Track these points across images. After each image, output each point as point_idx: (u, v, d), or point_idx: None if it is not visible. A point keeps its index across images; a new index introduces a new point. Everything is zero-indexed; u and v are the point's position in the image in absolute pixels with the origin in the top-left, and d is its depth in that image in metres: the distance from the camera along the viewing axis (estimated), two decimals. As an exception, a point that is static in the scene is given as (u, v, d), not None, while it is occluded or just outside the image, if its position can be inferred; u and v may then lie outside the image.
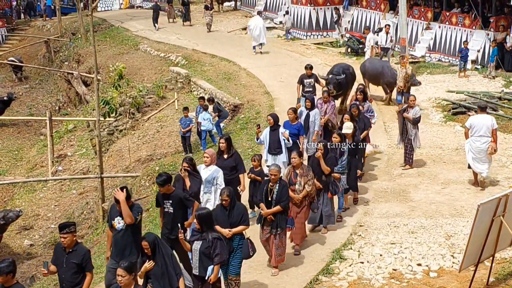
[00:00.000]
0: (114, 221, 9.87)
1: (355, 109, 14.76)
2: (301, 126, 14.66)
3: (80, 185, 21.51)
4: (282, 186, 10.71)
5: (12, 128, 29.57)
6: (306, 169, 11.44)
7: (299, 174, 11.32)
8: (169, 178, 10.39)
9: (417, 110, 15.53)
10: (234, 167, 12.60)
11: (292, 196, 11.21)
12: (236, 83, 25.02)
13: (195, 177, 11.33)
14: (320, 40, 32.51)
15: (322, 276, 10.94)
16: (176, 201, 10.37)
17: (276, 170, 10.72)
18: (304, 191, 11.29)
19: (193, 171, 11.37)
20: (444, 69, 25.67)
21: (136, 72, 29.30)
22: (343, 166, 12.87)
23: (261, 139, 14.13)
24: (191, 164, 11.38)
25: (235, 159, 12.68)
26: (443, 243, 11.97)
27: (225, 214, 9.98)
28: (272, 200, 10.65)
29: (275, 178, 10.69)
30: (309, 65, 19.12)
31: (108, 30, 37.38)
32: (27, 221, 19.56)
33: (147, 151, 21.37)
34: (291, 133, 14.32)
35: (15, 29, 43.48)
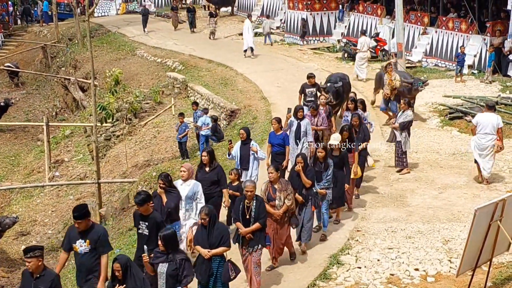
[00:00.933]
0: (75, 244, 9.17)
1: (356, 118, 14.44)
2: (286, 136, 14.19)
3: (77, 191, 21.48)
4: (259, 203, 10.21)
5: (9, 134, 29.57)
6: (285, 183, 10.95)
7: (277, 189, 10.84)
8: (148, 197, 9.98)
9: (407, 114, 15.65)
10: (216, 181, 12.14)
11: (272, 212, 10.77)
12: (233, 89, 25.03)
13: (172, 192, 10.90)
14: (317, 45, 32.55)
15: (320, 281, 10.92)
16: (152, 224, 9.89)
17: (252, 186, 10.19)
18: (285, 206, 10.83)
19: (169, 187, 10.91)
20: (441, 74, 25.71)
21: (133, 77, 29.31)
22: (328, 181, 12.25)
23: (232, 154, 13.53)
24: (167, 181, 10.89)
25: (218, 173, 12.23)
26: (440, 248, 11.96)
27: (204, 234, 9.51)
28: (251, 218, 10.14)
29: (251, 195, 10.15)
30: (312, 74, 18.72)
31: (105, 36, 37.39)
32: (24, 227, 19.53)
33: (144, 157, 21.35)
34: (276, 144, 14.06)
35: (12, 35, 43.49)
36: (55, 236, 18.49)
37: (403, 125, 15.54)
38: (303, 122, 14.79)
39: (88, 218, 9.25)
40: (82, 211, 9.18)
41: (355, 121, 14.39)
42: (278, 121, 14.16)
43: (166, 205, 10.70)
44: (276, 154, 14.15)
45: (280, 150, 14.09)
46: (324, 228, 12.52)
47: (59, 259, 10.00)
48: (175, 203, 10.86)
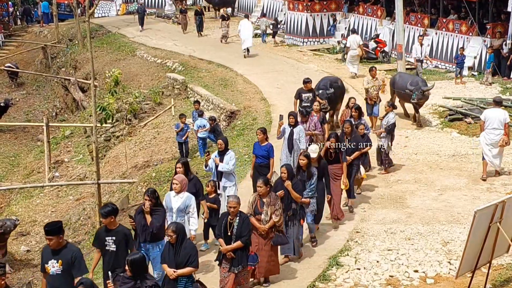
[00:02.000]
0: (47, 264, 8.69)
1: (348, 125, 13.97)
2: (270, 148, 13.56)
3: (77, 191, 21.49)
4: (243, 220, 9.77)
5: (9, 134, 29.58)
6: (274, 198, 10.44)
7: (266, 203, 10.37)
8: (114, 210, 9.42)
9: (391, 117, 15.77)
10: (194, 194, 11.48)
11: (258, 227, 10.33)
12: (232, 89, 25.04)
13: (157, 212, 10.32)
14: (317, 47, 32.54)
15: (319, 282, 10.93)
16: (120, 238, 9.34)
17: (235, 202, 9.76)
18: (271, 222, 10.34)
19: (155, 204, 10.33)
20: (441, 76, 25.71)
21: (133, 78, 29.32)
22: (312, 190, 11.81)
23: (209, 165, 13.04)
24: (154, 197, 10.31)
25: (195, 184, 11.78)
26: (440, 249, 11.97)
27: (171, 252, 9.04)
28: (232, 235, 9.72)
29: (235, 211, 9.74)
30: (308, 78, 18.14)
31: (105, 36, 37.40)
32: (24, 227, 19.53)
33: (143, 157, 21.37)
34: (260, 155, 13.52)
35: (12, 35, 43.49)
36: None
37: (388, 129, 15.71)
38: (296, 129, 14.40)
39: (61, 235, 8.64)
40: (55, 227, 8.64)
41: (347, 128, 13.95)
42: (263, 132, 13.58)
43: (151, 225, 10.19)
44: (260, 166, 13.59)
45: (264, 162, 13.55)
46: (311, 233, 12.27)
47: None
48: (161, 222, 10.32)
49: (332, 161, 12.89)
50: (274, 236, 10.50)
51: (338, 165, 12.95)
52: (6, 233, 16.02)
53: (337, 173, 12.93)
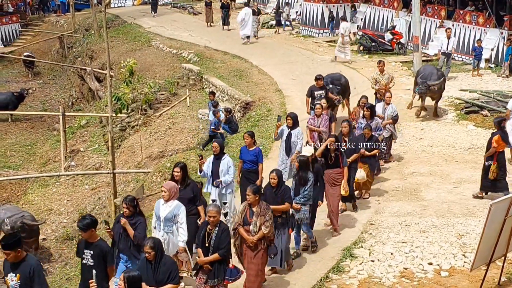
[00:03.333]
0: (7, 277, 8.34)
1: (345, 125, 13.28)
2: (259, 153, 12.79)
3: (92, 181, 21.61)
4: (222, 231, 9.21)
5: (26, 123, 29.77)
6: (264, 208, 9.73)
7: (255, 213, 9.69)
8: (93, 222, 8.89)
9: (394, 108, 15.72)
10: (192, 199, 10.98)
11: (246, 238, 9.69)
12: (247, 81, 25.04)
13: (138, 222, 9.74)
14: (332, 38, 32.42)
15: (333, 274, 10.94)
16: (98, 253, 8.86)
17: (215, 211, 9.19)
18: (260, 233, 9.64)
19: (135, 213, 9.78)
20: (457, 68, 25.55)
21: (149, 68, 29.39)
22: (306, 196, 11.14)
23: (204, 170, 12.20)
24: (132, 206, 9.74)
25: (193, 189, 11.06)
26: (454, 242, 11.94)
27: (150, 269, 8.50)
28: (210, 246, 9.19)
29: (214, 221, 9.17)
30: (320, 75, 17.61)
31: (121, 27, 37.50)
32: (40, 216, 19.66)
33: (158, 148, 21.43)
34: (248, 160, 12.72)
35: (29, 25, 43.69)
36: (70, 225, 18.61)
37: (395, 119, 15.77)
38: (294, 131, 13.69)
39: (19, 249, 8.17)
40: (11, 241, 8.19)
41: (344, 128, 13.26)
42: (250, 136, 12.77)
43: (135, 238, 9.67)
44: (247, 171, 12.80)
45: (252, 167, 12.73)
46: (297, 246, 11.59)
47: None
48: (144, 231, 9.78)
49: (331, 165, 12.17)
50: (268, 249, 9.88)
51: (338, 170, 12.20)
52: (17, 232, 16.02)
53: (336, 178, 12.19)
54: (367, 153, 13.56)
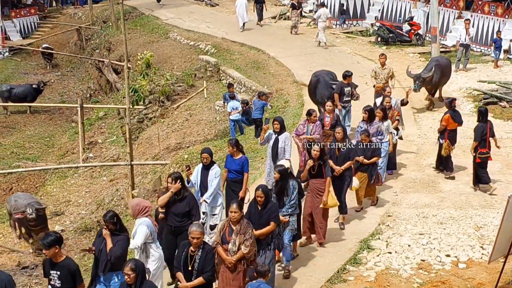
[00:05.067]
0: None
1: (339, 130, 12.37)
2: (245, 162, 11.90)
3: (110, 172, 21.73)
4: (206, 252, 8.52)
5: (44, 115, 29.98)
6: (245, 226, 8.96)
7: (235, 231, 8.96)
8: (58, 239, 8.29)
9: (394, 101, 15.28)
10: (188, 213, 10.14)
11: (224, 258, 8.95)
12: (265, 72, 25.03)
13: (119, 236, 9.10)
14: (350, 29, 32.31)
15: (350, 265, 10.96)
16: (65, 273, 8.31)
17: (198, 232, 8.44)
18: (239, 253, 8.91)
19: (119, 229, 9.12)
20: (476, 59, 25.36)
21: (166, 60, 29.46)
22: (293, 206, 10.40)
23: (192, 181, 11.37)
24: (112, 223, 9.05)
25: (189, 202, 10.20)
26: (472, 234, 11.91)
27: None
28: (193, 270, 8.51)
29: (198, 242, 8.45)
30: (350, 72, 16.86)
31: (139, 19, 37.59)
32: (58, 207, 19.83)
33: (176, 139, 21.50)
34: (233, 170, 11.84)
35: (47, 17, 43.92)
36: (89, 217, 18.75)
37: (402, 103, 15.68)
38: (281, 136, 12.73)
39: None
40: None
41: (338, 133, 12.33)
42: (233, 145, 11.85)
43: (111, 252, 8.96)
44: (232, 181, 11.95)
45: (237, 177, 11.88)
46: (286, 262, 10.60)
47: None
48: (123, 250, 9.07)
49: (314, 174, 11.35)
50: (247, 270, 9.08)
51: (322, 180, 11.32)
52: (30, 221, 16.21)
53: (320, 188, 11.35)
54: (366, 160, 12.71)
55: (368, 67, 22.24)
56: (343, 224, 12.34)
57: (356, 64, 24.67)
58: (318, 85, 17.74)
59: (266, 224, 9.51)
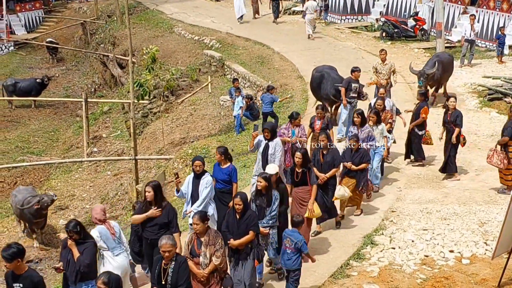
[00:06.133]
0: None
1: (323, 137, 11.65)
2: (233, 171, 11.32)
3: (114, 167, 21.76)
4: (179, 265, 8.19)
5: (49, 109, 30.02)
6: (213, 236, 8.65)
7: (204, 242, 8.63)
8: (20, 252, 7.90)
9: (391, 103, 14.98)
10: (166, 224, 9.63)
11: (196, 272, 8.63)
12: (269, 67, 25.01)
13: (85, 244, 8.79)
14: (355, 24, 32.26)
15: (353, 261, 10.96)
16: (29, 285, 7.96)
17: (169, 244, 8.11)
18: (211, 265, 8.60)
19: (84, 237, 8.81)
20: (481, 54, 25.31)
21: (171, 55, 29.46)
22: (273, 217, 9.85)
23: (182, 190, 10.89)
24: (76, 232, 8.72)
25: (168, 213, 9.67)
26: (476, 230, 11.90)
27: None
28: (167, 284, 8.20)
29: (170, 255, 8.13)
30: (356, 67, 16.81)
31: (143, 13, 37.59)
32: (63, 201, 19.86)
33: (180, 134, 21.52)
34: (221, 179, 11.26)
35: (52, 11, 43.98)
36: (93, 211, 18.79)
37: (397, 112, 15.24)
38: (272, 142, 12.05)
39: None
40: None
41: (322, 140, 11.65)
42: (221, 153, 11.30)
43: (78, 262, 8.65)
44: (220, 192, 11.29)
45: (225, 187, 11.30)
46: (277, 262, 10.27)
47: None
48: (91, 257, 8.79)
49: (298, 182, 10.90)
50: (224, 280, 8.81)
51: (306, 188, 10.88)
52: (44, 208, 16.33)
53: (303, 197, 10.89)
54: (354, 167, 12.12)
55: (372, 62, 22.17)
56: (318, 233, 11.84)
57: (360, 59, 24.65)
58: (323, 81, 17.72)
59: (245, 233, 9.13)
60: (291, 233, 9.50)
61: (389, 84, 18.01)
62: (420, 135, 14.77)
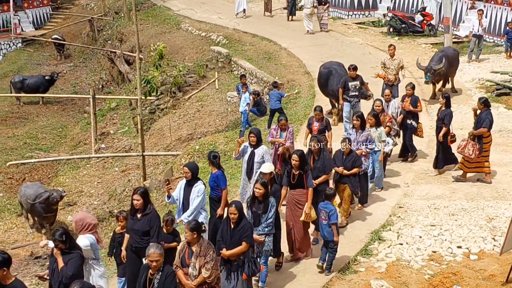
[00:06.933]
0: None
1: (314, 143, 11.26)
2: (220, 177, 10.90)
3: (122, 163, 21.82)
4: (166, 276, 8.00)
5: (57, 106, 30.11)
6: (205, 248, 8.38)
7: (194, 253, 8.37)
8: (5, 260, 7.47)
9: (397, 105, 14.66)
10: (147, 232, 9.48)
11: (184, 283, 8.40)
12: (276, 63, 25.00)
13: (71, 254, 8.51)
14: (362, 20, 32.18)
15: (361, 257, 10.96)
16: None
17: (157, 254, 7.94)
18: (200, 277, 8.32)
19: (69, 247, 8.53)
20: (489, 49, 25.22)
21: (178, 51, 29.48)
22: (269, 225, 9.55)
23: (173, 196, 10.61)
24: (61, 241, 8.46)
25: (150, 221, 9.49)
26: (484, 225, 11.88)
27: None
28: None
29: (157, 265, 7.95)
30: (353, 65, 16.38)
31: (151, 9, 37.61)
32: (71, 198, 19.94)
33: (187, 130, 21.55)
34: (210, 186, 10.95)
35: (59, 8, 44.03)
36: (101, 207, 18.87)
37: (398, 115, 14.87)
38: (258, 150, 11.71)
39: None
40: None
41: (313, 147, 11.23)
42: (214, 158, 10.93)
43: (62, 272, 8.39)
44: (210, 199, 11.12)
45: (213, 194, 10.98)
46: (262, 284, 9.95)
47: None
48: (75, 269, 8.47)
49: (294, 185, 10.62)
50: None
51: (302, 191, 10.60)
52: (53, 204, 16.42)
53: (299, 200, 10.62)
54: (346, 171, 11.64)
55: (380, 58, 22.13)
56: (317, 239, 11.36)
57: (367, 55, 24.62)
58: (330, 77, 17.69)
59: (238, 243, 8.86)
60: (324, 206, 10.18)
61: (397, 79, 17.96)
62: (415, 127, 14.78)
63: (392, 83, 17.83)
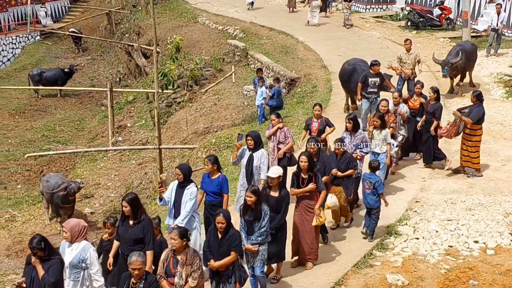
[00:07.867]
0: None
1: (312, 145, 11.01)
2: (224, 182, 10.52)
3: (139, 156, 21.93)
4: (149, 284, 7.80)
5: (75, 99, 30.31)
6: (191, 256, 8.16)
7: (180, 261, 8.15)
8: None
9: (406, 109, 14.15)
10: (141, 240, 9.11)
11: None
12: (293, 57, 24.96)
13: (50, 261, 8.18)
14: (379, 14, 32.04)
15: (377, 251, 10.94)
16: None
17: (139, 262, 7.74)
18: (187, 287, 8.13)
19: (49, 254, 8.18)
20: (507, 44, 25.02)
21: (195, 44, 29.52)
22: (263, 234, 9.15)
23: (165, 198, 10.26)
24: (40, 249, 8.09)
25: (143, 228, 9.14)
26: (501, 220, 11.82)
27: None
28: None
29: (139, 274, 7.74)
30: (376, 61, 16.16)
31: (168, 3, 37.65)
32: (88, 190, 20.07)
33: (204, 124, 21.60)
34: (211, 191, 10.53)
35: (77, 1, 44.26)
36: (118, 200, 18.96)
37: None
38: (257, 153, 11.32)
39: None
40: None
41: (311, 148, 10.92)
42: (212, 162, 10.52)
43: (43, 280, 8.09)
44: (210, 205, 10.59)
45: (215, 200, 10.53)
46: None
47: None
48: (57, 275, 8.18)
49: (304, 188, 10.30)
50: None
51: (312, 195, 10.29)
52: (70, 195, 16.54)
53: (309, 204, 10.28)
54: (340, 173, 11.26)
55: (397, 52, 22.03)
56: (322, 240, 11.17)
57: (385, 49, 24.51)
58: (354, 74, 17.61)
59: (227, 254, 8.59)
60: (369, 176, 11.05)
61: (413, 74, 17.89)
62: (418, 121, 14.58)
63: (408, 77, 17.87)
